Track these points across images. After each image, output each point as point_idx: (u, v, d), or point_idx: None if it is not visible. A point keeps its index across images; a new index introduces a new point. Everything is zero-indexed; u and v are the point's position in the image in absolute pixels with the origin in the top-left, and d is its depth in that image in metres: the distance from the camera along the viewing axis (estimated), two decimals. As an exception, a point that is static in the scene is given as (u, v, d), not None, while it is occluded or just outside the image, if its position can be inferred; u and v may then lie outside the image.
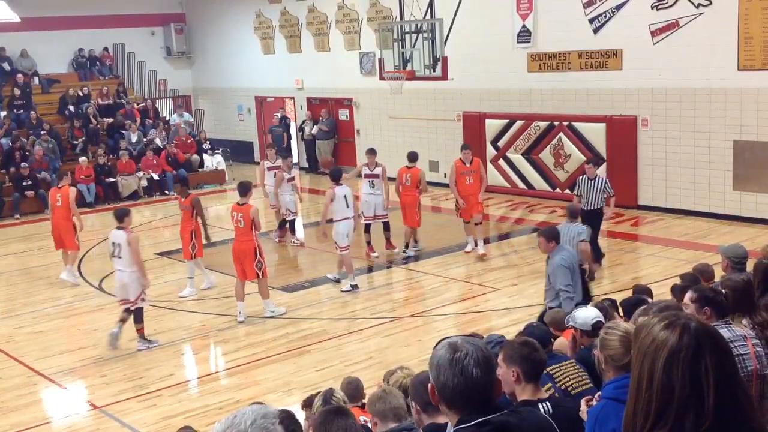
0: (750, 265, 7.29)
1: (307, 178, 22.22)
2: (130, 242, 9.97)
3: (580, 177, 12.19)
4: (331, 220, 12.34)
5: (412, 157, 13.85)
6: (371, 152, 13.87)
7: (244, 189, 11.29)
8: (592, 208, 11.80)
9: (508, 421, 2.46)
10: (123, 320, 10.13)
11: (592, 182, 11.89)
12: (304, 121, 23.08)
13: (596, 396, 3.83)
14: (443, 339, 2.55)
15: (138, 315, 10.17)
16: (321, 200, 15.80)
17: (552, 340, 5.93)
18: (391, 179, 13.99)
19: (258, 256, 10.71)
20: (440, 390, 2.47)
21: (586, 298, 8.62)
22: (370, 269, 13.40)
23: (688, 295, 4.89)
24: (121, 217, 10.25)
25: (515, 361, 4.29)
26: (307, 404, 5.76)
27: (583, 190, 11.88)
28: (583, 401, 3.94)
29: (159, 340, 10.36)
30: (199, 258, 12.45)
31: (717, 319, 4.57)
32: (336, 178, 12.15)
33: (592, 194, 11.82)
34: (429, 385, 2.49)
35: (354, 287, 11.90)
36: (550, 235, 8.67)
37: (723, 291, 4.99)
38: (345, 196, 11.99)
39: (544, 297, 8.86)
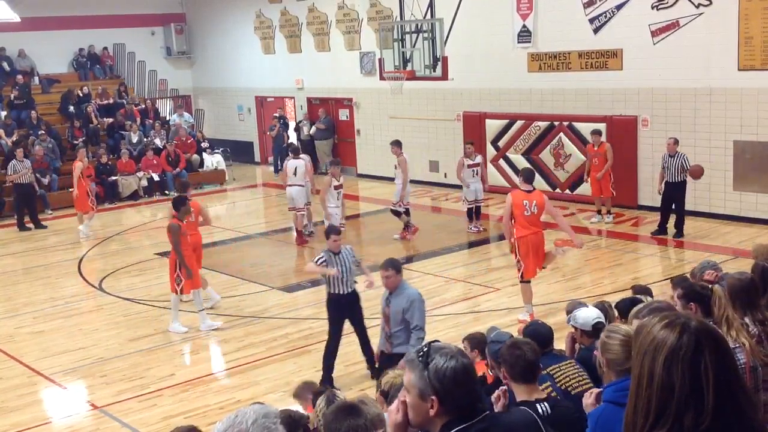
0: (740, 266, 7.30)
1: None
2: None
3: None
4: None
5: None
6: (395, 144, 14.94)
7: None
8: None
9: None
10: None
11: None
12: (300, 122, 23.11)
13: (595, 393, 3.82)
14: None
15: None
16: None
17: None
18: (390, 178, 13.98)
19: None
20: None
21: None
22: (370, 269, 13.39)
23: (676, 293, 4.90)
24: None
25: (502, 361, 4.34)
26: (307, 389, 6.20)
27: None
28: (587, 394, 3.93)
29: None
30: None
31: (704, 316, 4.58)
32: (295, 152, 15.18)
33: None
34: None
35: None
36: (398, 266, 7.60)
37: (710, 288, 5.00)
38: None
39: (387, 341, 7.66)
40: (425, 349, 2.55)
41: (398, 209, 14.83)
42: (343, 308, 8.82)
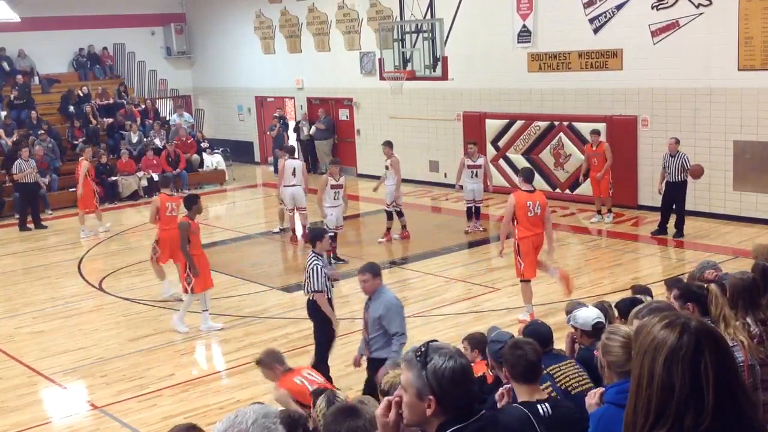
0: (740, 266, 7.30)
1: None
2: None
3: None
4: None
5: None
6: (384, 145, 14.99)
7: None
8: None
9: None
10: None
11: None
12: (299, 122, 23.11)
13: (598, 392, 3.82)
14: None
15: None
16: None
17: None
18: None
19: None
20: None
21: None
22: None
23: (672, 294, 4.90)
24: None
25: (504, 361, 4.35)
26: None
27: None
28: (590, 394, 3.93)
29: None
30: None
31: (701, 315, 4.59)
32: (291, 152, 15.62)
33: None
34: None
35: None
36: (376, 270, 7.36)
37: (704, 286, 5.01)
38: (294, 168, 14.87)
39: (365, 346, 7.51)
40: (423, 349, 2.55)
41: (391, 210, 14.77)
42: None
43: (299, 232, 15.40)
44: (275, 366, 6.73)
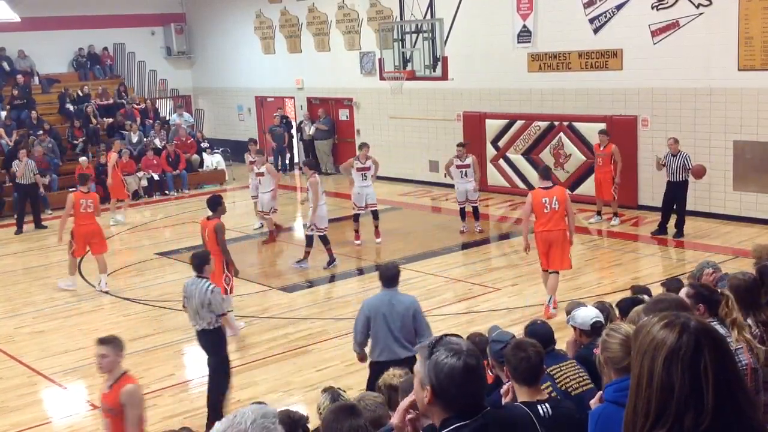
0: (740, 266, 7.29)
1: (305, 178, 22.19)
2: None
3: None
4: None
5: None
6: (364, 146, 14.79)
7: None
8: None
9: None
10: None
11: None
12: (302, 122, 23.12)
13: (599, 395, 3.82)
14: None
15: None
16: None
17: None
18: (391, 178, 13.96)
19: None
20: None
21: None
22: (370, 269, 13.38)
23: (684, 291, 4.91)
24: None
25: (506, 362, 4.35)
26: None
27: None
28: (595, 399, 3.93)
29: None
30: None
31: (710, 317, 4.59)
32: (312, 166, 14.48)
33: None
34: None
35: None
36: (381, 275, 7.50)
37: (719, 290, 5.01)
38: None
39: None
40: (435, 340, 2.62)
41: (361, 212, 14.60)
42: None
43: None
44: (121, 355, 6.35)
